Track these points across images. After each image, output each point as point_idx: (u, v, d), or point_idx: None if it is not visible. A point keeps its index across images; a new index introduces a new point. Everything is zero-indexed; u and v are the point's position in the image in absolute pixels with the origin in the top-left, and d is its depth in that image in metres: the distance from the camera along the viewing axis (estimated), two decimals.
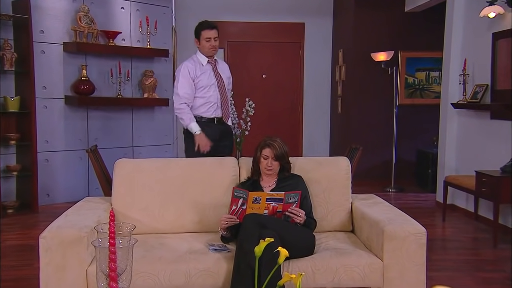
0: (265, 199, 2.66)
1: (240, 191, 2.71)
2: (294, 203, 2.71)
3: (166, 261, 2.57)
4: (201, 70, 3.87)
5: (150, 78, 6.25)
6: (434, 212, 5.60)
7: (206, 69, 3.89)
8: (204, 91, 3.87)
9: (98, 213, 2.84)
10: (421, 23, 7.00)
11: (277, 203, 2.68)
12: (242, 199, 2.68)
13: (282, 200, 2.68)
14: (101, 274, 1.63)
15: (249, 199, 2.66)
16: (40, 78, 5.50)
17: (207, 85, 3.88)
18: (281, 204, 2.69)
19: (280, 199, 2.68)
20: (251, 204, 2.66)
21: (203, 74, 3.87)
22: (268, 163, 2.89)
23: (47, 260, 2.48)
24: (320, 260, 2.61)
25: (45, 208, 5.47)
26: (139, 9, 6.28)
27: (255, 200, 2.65)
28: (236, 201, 2.70)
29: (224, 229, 2.76)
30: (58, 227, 2.57)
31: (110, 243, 1.49)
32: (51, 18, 5.62)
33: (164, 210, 3.03)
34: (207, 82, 3.88)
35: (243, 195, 2.68)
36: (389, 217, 2.78)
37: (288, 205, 2.70)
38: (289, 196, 2.69)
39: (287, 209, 2.70)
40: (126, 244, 1.57)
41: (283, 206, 2.69)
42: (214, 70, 3.92)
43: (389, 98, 7.01)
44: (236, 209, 2.70)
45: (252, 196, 2.66)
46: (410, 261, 2.62)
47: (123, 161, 3.14)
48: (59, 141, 5.76)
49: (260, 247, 1.70)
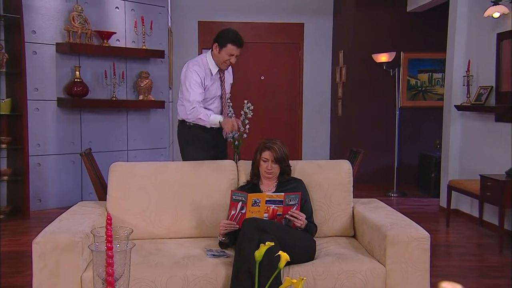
0: (265, 201, 2.67)
1: (238, 194, 2.72)
2: (295, 205, 2.72)
3: (163, 267, 2.58)
4: (211, 79, 3.58)
5: (145, 80, 6.27)
6: (437, 217, 5.62)
7: (215, 79, 3.62)
8: (209, 102, 3.63)
9: (93, 218, 2.85)
10: (424, 23, 7.04)
11: (277, 205, 2.69)
12: (241, 202, 2.69)
13: (282, 202, 2.69)
14: (98, 279, 1.64)
15: (248, 202, 2.67)
16: (32, 79, 5.51)
17: (213, 96, 3.64)
18: (281, 206, 2.70)
19: (280, 200, 2.69)
20: (251, 207, 2.67)
21: (212, 85, 3.60)
22: (268, 166, 2.91)
23: (41, 266, 2.49)
24: (321, 265, 2.62)
25: (37, 213, 5.47)
26: (134, 9, 6.30)
27: (254, 203, 2.66)
28: (235, 205, 2.71)
29: (222, 234, 2.77)
30: (52, 232, 2.57)
31: (107, 247, 1.50)
32: (44, 17, 5.63)
33: (160, 214, 3.04)
34: (214, 93, 3.64)
35: (242, 198, 2.69)
36: (392, 221, 2.80)
37: (288, 208, 2.71)
38: (289, 197, 2.70)
39: (287, 212, 2.71)
40: (123, 248, 1.58)
41: (283, 208, 2.71)
42: (222, 80, 3.68)
43: (391, 100, 7.04)
44: (235, 214, 2.71)
45: (251, 198, 2.67)
46: (413, 266, 2.63)
47: (118, 164, 3.15)
48: (51, 144, 5.77)
49: (260, 251, 1.72)
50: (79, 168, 5.86)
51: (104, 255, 1.50)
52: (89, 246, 1.57)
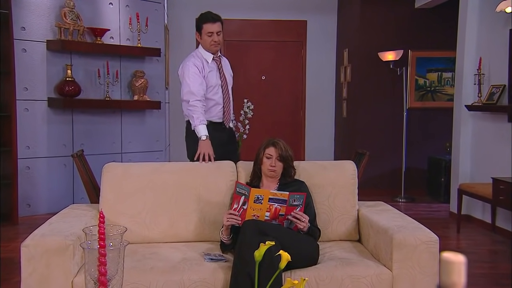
0: (268, 198, 2.68)
1: (242, 187, 2.74)
2: (299, 206, 2.74)
3: (158, 271, 2.59)
4: (208, 67, 3.75)
5: (140, 79, 6.29)
6: (448, 223, 5.63)
7: (212, 67, 3.77)
8: (212, 92, 3.74)
9: (85, 221, 2.86)
10: (433, 20, 7.06)
11: (280, 204, 2.70)
12: (244, 196, 2.71)
13: (286, 202, 2.70)
14: (90, 280, 1.65)
15: (250, 197, 2.68)
16: (21, 78, 5.53)
17: (215, 84, 3.76)
18: (284, 206, 2.71)
19: (283, 200, 2.70)
20: (253, 204, 2.68)
21: (211, 72, 3.75)
22: (272, 163, 2.92)
23: (30, 270, 2.49)
24: (325, 270, 2.63)
25: (26, 219, 5.47)
26: (128, 5, 6.33)
27: (257, 199, 2.68)
28: (238, 199, 2.73)
29: (226, 232, 2.77)
30: (42, 235, 2.58)
31: (100, 245, 1.51)
32: (34, 13, 5.66)
33: (156, 217, 3.05)
34: (215, 82, 3.76)
35: (245, 192, 2.71)
36: (399, 224, 2.81)
37: (291, 208, 2.72)
38: (293, 197, 2.71)
39: (290, 213, 2.72)
40: (117, 246, 1.59)
41: (286, 208, 2.72)
42: (220, 68, 3.83)
43: (398, 101, 7.06)
44: (237, 208, 2.73)
45: (254, 194, 2.68)
46: (422, 271, 2.64)
47: (112, 165, 3.17)
48: (41, 147, 5.78)
49: (260, 251, 1.73)
50: (70, 172, 5.88)
51: (97, 253, 1.51)
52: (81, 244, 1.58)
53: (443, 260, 0.70)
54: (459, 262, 0.68)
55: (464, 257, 0.74)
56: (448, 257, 0.69)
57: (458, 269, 0.67)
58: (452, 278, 0.68)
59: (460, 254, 0.74)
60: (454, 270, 0.67)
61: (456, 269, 0.67)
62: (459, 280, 0.67)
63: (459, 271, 0.67)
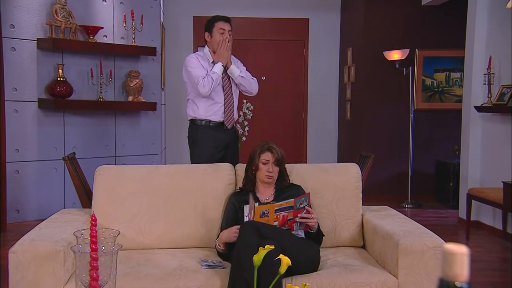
0: (274, 211, 2.70)
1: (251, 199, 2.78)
2: (305, 206, 2.78)
3: (153, 278, 2.59)
4: (209, 65, 3.91)
5: (135, 79, 6.30)
6: (456, 230, 5.62)
7: None
8: (213, 91, 3.87)
9: (77, 226, 2.85)
10: (440, 18, 7.08)
11: (287, 211, 2.72)
12: None
13: (292, 208, 2.73)
14: (81, 286, 1.65)
15: (256, 214, 2.69)
16: (10, 78, 5.54)
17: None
18: (291, 211, 2.73)
19: (290, 206, 2.72)
20: (259, 218, 2.69)
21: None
22: (269, 169, 2.93)
23: (18, 277, 2.49)
24: (327, 276, 2.63)
25: (14, 226, 5.46)
26: (123, 2, 6.35)
27: (262, 214, 2.69)
28: None
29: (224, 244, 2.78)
30: (31, 240, 2.58)
31: (91, 249, 1.51)
32: (23, 11, 5.67)
33: (151, 222, 3.05)
34: None
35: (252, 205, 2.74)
36: (405, 229, 2.81)
37: (298, 211, 2.76)
38: (299, 201, 2.75)
39: (297, 215, 2.76)
40: (109, 249, 1.59)
41: (294, 213, 2.75)
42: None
43: (405, 102, 7.07)
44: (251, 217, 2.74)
45: (258, 210, 2.69)
46: (428, 278, 2.64)
47: (105, 168, 3.17)
48: (31, 150, 5.78)
49: (259, 255, 1.73)
50: (61, 176, 5.88)
51: (88, 257, 1.51)
52: (71, 248, 1.58)
53: (446, 251, 0.70)
54: (462, 253, 0.68)
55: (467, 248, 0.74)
56: (451, 248, 0.69)
57: (461, 260, 0.67)
58: (454, 269, 0.68)
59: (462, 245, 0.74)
60: (456, 262, 0.67)
61: (459, 260, 0.67)
62: (462, 271, 0.67)
63: (462, 263, 0.67)
